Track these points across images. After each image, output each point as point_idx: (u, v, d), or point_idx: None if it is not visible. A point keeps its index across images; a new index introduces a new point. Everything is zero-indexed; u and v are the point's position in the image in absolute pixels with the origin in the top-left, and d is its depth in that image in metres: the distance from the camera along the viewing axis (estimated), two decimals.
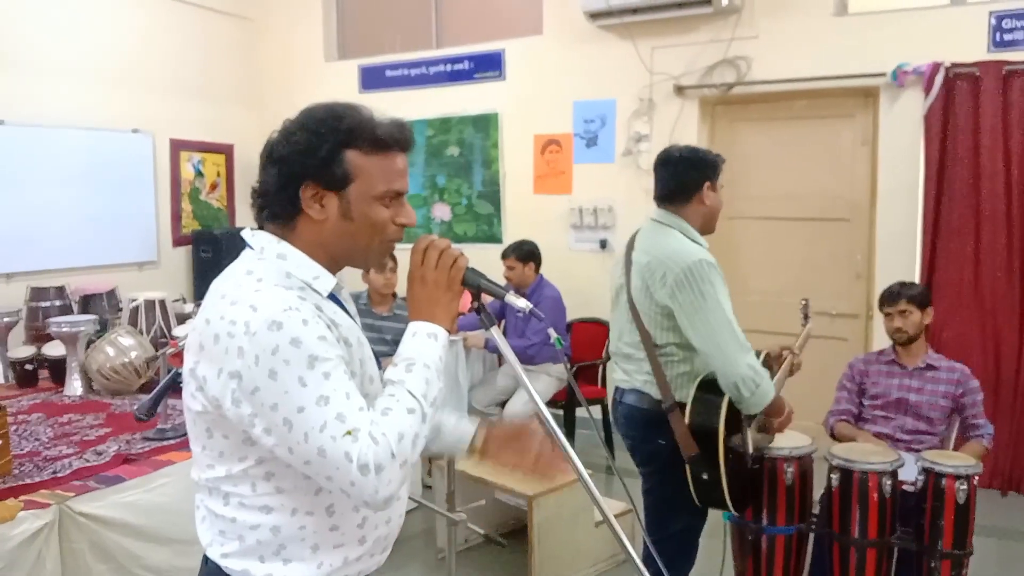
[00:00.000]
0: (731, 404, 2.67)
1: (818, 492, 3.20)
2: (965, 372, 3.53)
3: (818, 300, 5.52)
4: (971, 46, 4.76)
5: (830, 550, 3.07)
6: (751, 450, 2.84)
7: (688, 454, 2.67)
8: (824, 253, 5.52)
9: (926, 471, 2.95)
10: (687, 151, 2.92)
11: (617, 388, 2.96)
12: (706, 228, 2.94)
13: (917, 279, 4.84)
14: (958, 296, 4.85)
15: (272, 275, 1.42)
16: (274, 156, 1.45)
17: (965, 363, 3.61)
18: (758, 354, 2.87)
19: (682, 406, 2.71)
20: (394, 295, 4.75)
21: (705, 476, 2.66)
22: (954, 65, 4.77)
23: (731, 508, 2.77)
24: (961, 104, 4.79)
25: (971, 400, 3.48)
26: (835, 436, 3.58)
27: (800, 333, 3.44)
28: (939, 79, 4.79)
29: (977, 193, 4.78)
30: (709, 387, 2.69)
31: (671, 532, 2.86)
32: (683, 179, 2.84)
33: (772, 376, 2.84)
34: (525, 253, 5.39)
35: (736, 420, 2.73)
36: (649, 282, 2.76)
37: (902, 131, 5.01)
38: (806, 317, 3.57)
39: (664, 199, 2.90)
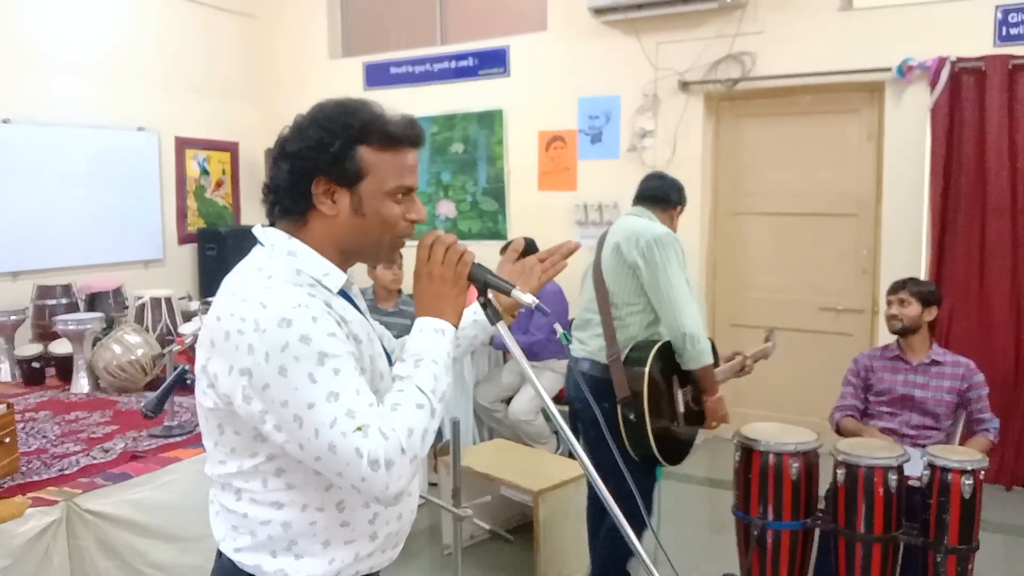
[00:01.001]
0: (662, 356, 3.11)
1: (823, 487, 3.20)
2: (970, 367, 3.53)
3: (824, 296, 5.54)
4: (977, 40, 4.75)
5: (835, 545, 3.07)
6: (681, 408, 3.21)
7: (620, 395, 3.08)
8: (830, 249, 5.51)
9: (932, 466, 2.94)
10: (674, 179, 3.58)
11: (572, 357, 3.35)
12: None
13: (923, 274, 4.83)
14: (965, 290, 4.84)
15: (282, 272, 1.43)
16: (286, 152, 1.46)
17: (971, 358, 3.61)
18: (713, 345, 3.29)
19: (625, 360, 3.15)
20: (400, 291, 4.76)
21: (632, 417, 3.04)
22: (960, 59, 4.76)
23: (657, 454, 3.09)
24: (967, 99, 4.77)
25: (977, 395, 3.48)
26: (840, 431, 3.58)
27: (760, 347, 3.77)
28: (945, 73, 4.78)
29: (983, 188, 4.76)
30: (646, 344, 3.14)
31: (623, 493, 2.94)
32: (669, 193, 3.46)
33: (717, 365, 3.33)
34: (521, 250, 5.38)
35: (669, 377, 3.16)
36: (624, 247, 3.20)
37: (908, 126, 5.00)
38: (767, 340, 3.84)
39: (647, 200, 3.45)
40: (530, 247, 5.40)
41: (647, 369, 3.06)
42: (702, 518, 4.66)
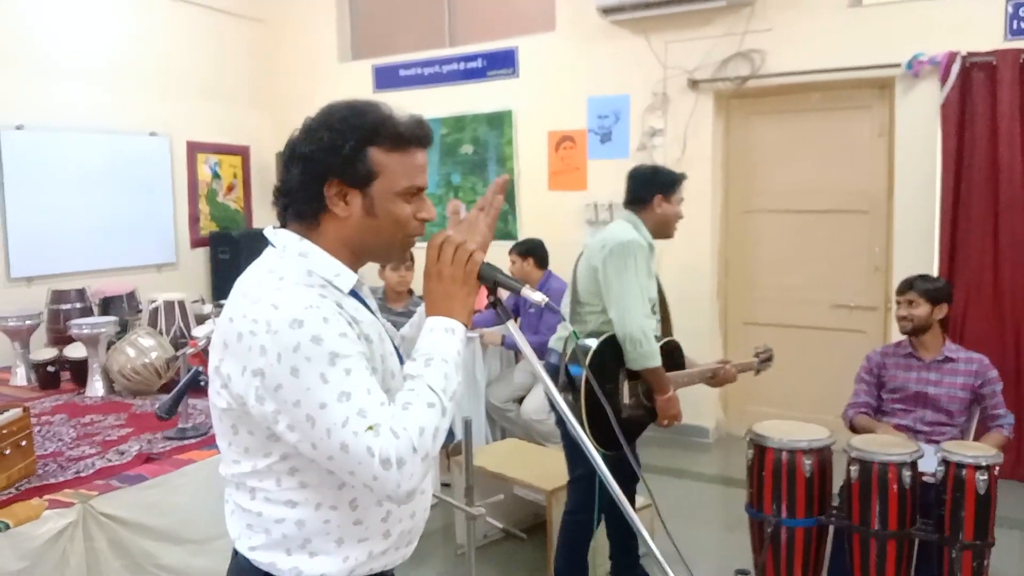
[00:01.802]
0: (614, 346, 3.24)
1: (837, 484, 3.19)
2: (984, 362, 3.51)
3: (836, 293, 5.52)
4: (987, 35, 4.72)
5: (850, 542, 3.06)
6: (626, 400, 3.31)
7: (563, 379, 3.24)
8: (842, 246, 5.50)
9: (946, 462, 2.93)
10: (647, 170, 3.59)
11: (547, 351, 3.51)
12: (660, 232, 3.52)
13: (936, 271, 4.81)
14: (978, 287, 4.81)
15: (293, 273, 1.44)
16: (297, 154, 1.47)
17: (985, 354, 3.59)
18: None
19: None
20: (410, 292, 4.76)
21: (570, 397, 3.17)
22: (970, 54, 4.73)
23: (588, 433, 3.07)
24: (978, 94, 4.75)
25: (991, 390, 3.46)
26: (854, 429, 3.57)
27: (747, 360, 3.82)
28: (955, 69, 4.75)
29: (996, 183, 4.74)
30: (600, 333, 3.27)
31: (574, 477, 3.41)
32: (639, 191, 3.50)
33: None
34: (523, 249, 5.43)
35: (616, 367, 3.27)
36: (591, 251, 3.39)
37: (919, 122, 4.98)
38: (758, 356, 3.87)
39: (627, 204, 3.55)
40: (537, 247, 5.43)
41: (590, 353, 3.24)
42: (715, 516, 4.65)
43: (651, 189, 3.47)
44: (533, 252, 5.44)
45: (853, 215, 5.44)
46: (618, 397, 3.32)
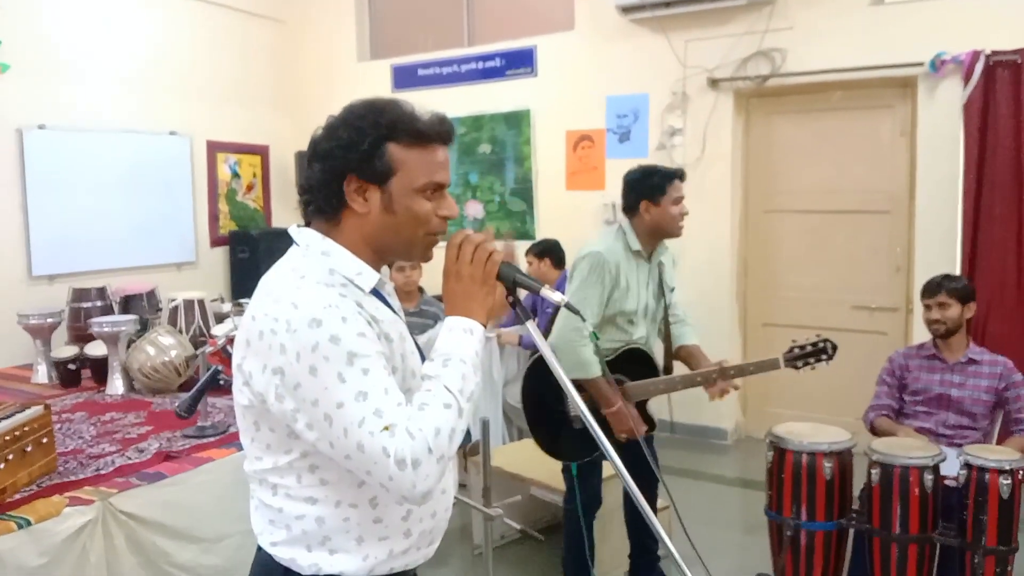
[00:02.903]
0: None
1: (857, 487, 3.16)
2: (1008, 366, 3.46)
3: (857, 294, 5.48)
4: (1012, 33, 4.66)
5: (870, 546, 3.03)
6: (573, 411, 3.27)
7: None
8: (863, 246, 5.45)
9: (968, 465, 2.90)
10: (635, 173, 3.42)
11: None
12: (658, 234, 3.37)
13: (958, 271, 4.75)
14: (1001, 288, 4.75)
15: (315, 272, 1.45)
16: (318, 152, 1.48)
17: (1009, 356, 3.55)
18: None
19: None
20: (420, 290, 4.71)
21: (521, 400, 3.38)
22: (994, 53, 4.68)
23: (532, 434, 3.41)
24: (1002, 92, 4.69)
25: (1015, 394, 3.41)
26: (875, 431, 3.53)
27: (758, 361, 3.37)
28: (979, 67, 4.70)
29: (1019, 183, 4.68)
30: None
31: (562, 468, 3.47)
32: (627, 198, 3.39)
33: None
34: (540, 249, 5.42)
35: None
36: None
37: (941, 121, 4.93)
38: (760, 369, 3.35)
39: (623, 210, 3.45)
40: (554, 247, 5.42)
41: (531, 362, 3.42)
42: (733, 518, 4.62)
43: (636, 195, 3.34)
44: (550, 252, 5.43)
45: (874, 215, 5.40)
46: (565, 407, 3.30)
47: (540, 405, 3.36)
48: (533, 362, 3.43)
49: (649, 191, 3.30)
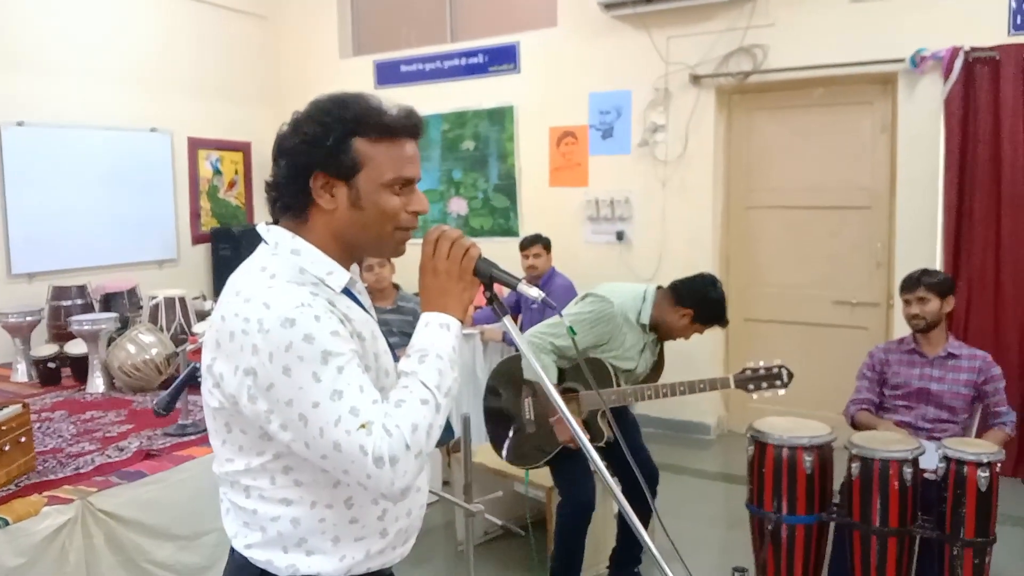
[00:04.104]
0: (513, 365, 3.49)
1: (838, 481, 3.18)
2: (987, 360, 3.49)
3: (838, 290, 5.51)
4: (991, 30, 4.70)
5: (851, 539, 3.05)
6: (528, 415, 3.44)
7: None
8: (844, 242, 5.48)
9: (947, 459, 2.92)
10: (703, 281, 3.39)
11: None
12: (662, 328, 3.41)
13: (939, 267, 4.79)
14: (981, 283, 4.79)
15: (285, 271, 1.43)
16: (283, 148, 1.47)
17: (988, 350, 3.58)
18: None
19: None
20: (396, 287, 4.67)
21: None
22: (974, 49, 4.71)
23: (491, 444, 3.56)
24: (981, 89, 4.73)
25: (993, 388, 3.44)
26: (855, 425, 3.56)
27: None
28: (958, 64, 4.73)
29: (999, 179, 4.72)
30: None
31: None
32: (677, 291, 3.38)
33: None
34: (547, 242, 5.44)
35: (520, 383, 3.45)
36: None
37: (922, 117, 4.96)
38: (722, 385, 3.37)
39: (666, 287, 3.42)
40: (550, 242, 5.43)
41: (496, 367, 3.61)
42: (715, 513, 4.64)
43: (685, 298, 3.33)
44: (550, 246, 5.46)
45: (855, 211, 5.43)
46: (520, 413, 3.46)
47: (499, 413, 3.54)
48: (492, 375, 3.66)
49: (704, 316, 3.32)
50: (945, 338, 3.57)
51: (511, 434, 3.49)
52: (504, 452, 3.53)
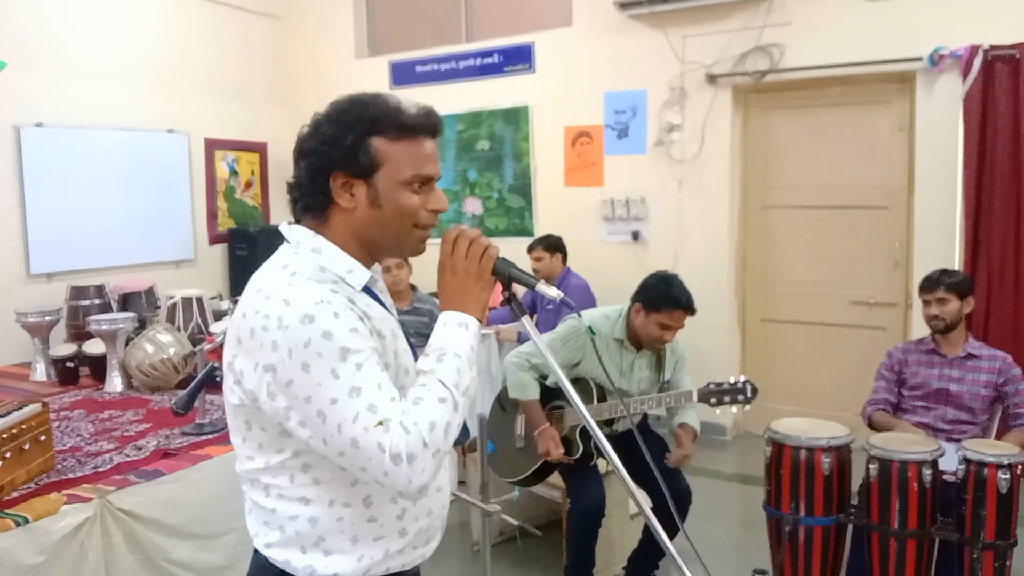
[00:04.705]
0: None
1: (856, 483, 3.16)
2: (1007, 360, 3.46)
3: (855, 290, 5.48)
4: (1010, 27, 4.65)
5: (869, 541, 3.03)
6: (518, 431, 3.60)
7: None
8: (862, 242, 5.44)
9: (967, 460, 2.89)
10: (652, 277, 3.46)
11: None
12: (635, 337, 3.49)
13: (958, 266, 4.75)
14: (1000, 283, 4.75)
15: (306, 269, 1.44)
16: (304, 149, 1.48)
17: (1008, 351, 3.55)
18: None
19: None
20: (413, 288, 4.67)
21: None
22: (993, 47, 4.67)
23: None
24: (1000, 87, 4.68)
25: (1013, 389, 3.41)
26: (872, 425, 3.53)
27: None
28: (977, 62, 4.69)
29: (1018, 178, 4.67)
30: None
31: None
32: (635, 293, 3.47)
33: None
34: (551, 244, 5.43)
35: (515, 402, 3.56)
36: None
37: (940, 116, 4.92)
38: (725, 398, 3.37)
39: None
40: (561, 243, 5.43)
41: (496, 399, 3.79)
42: (733, 514, 4.62)
43: (639, 295, 3.42)
44: (559, 247, 5.46)
45: (873, 211, 5.39)
46: (512, 428, 3.63)
47: (499, 430, 3.71)
48: (499, 393, 3.82)
49: (648, 300, 3.36)
50: (965, 338, 3.54)
51: (504, 449, 3.69)
52: (496, 466, 3.67)
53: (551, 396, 3.52)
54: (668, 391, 3.52)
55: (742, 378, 3.33)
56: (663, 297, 3.31)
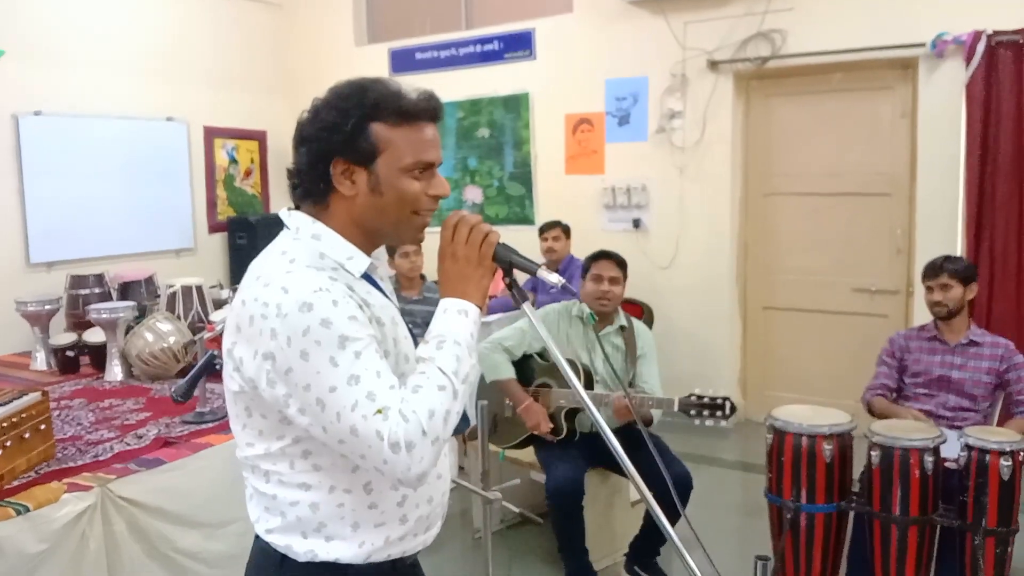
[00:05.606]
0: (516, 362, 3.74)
1: (857, 470, 3.16)
2: (1009, 347, 3.45)
3: (857, 277, 5.46)
4: (1014, 13, 4.62)
5: (870, 528, 3.03)
6: (508, 402, 3.72)
7: None
8: (864, 229, 5.43)
9: (969, 447, 2.89)
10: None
11: None
12: (592, 308, 3.63)
13: (960, 253, 4.73)
14: (1003, 270, 4.74)
15: (305, 256, 1.43)
16: (303, 135, 1.46)
17: (1011, 338, 3.54)
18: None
19: None
20: (423, 277, 4.69)
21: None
22: (996, 33, 4.64)
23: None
24: (1004, 73, 4.65)
25: (1016, 376, 3.40)
26: (871, 411, 3.52)
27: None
28: (980, 48, 4.66)
29: (1021, 165, 4.65)
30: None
31: None
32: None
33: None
34: (566, 227, 5.45)
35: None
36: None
37: (942, 103, 4.89)
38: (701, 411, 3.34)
39: None
40: (568, 228, 5.43)
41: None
42: (735, 502, 4.63)
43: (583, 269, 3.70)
44: (569, 232, 5.49)
45: (875, 197, 5.37)
46: (502, 396, 3.74)
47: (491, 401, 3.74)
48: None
49: (583, 270, 3.68)
50: (967, 325, 3.53)
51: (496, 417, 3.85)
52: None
53: (527, 375, 3.71)
54: (638, 387, 3.59)
55: (723, 394, 3.33)
56: (590, 258, 3.67)
